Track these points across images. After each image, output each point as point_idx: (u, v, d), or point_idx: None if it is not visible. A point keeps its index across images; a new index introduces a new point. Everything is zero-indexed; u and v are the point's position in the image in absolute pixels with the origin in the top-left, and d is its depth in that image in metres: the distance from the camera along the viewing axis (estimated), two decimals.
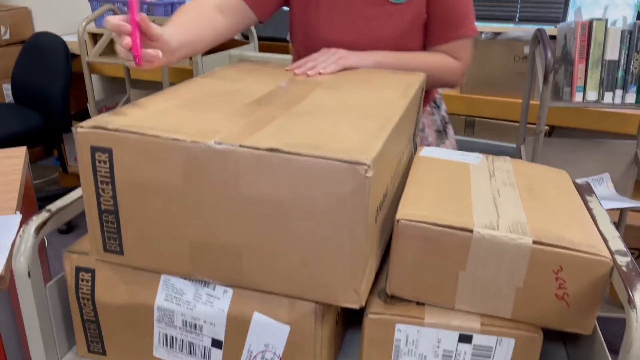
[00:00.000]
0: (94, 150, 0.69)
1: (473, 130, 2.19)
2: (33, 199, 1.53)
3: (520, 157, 1.92)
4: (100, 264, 0.77)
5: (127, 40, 0.82)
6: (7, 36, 3.22)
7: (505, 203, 0.78)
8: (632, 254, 2.08)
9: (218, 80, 0.95)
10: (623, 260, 0.68)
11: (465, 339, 0.74)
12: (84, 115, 3.12)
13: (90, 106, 2.82)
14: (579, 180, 0.98)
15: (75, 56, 2.88)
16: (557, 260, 0.69)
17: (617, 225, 2.04)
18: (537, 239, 0.69)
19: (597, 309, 0.70)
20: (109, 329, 0.80)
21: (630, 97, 1.65)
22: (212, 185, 0.66)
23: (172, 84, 2.03)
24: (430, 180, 0.84)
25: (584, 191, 0.91)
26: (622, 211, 1.99)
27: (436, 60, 1.17)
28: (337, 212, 0.63)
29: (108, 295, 0.78)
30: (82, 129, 0.69)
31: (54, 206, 0.81)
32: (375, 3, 1.13)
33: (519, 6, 2.40)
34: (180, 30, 0.98)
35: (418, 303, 0.76)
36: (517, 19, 2.42)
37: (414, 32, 1.16)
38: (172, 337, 0.78)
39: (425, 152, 0.97)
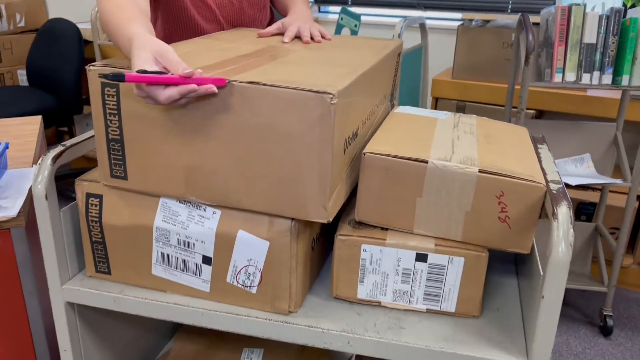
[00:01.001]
0: (103, 85, 0.81)
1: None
2: None
3: None
4: (107, 189, 0.89)
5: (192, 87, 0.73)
6: (22, 23, 3.36)
7: (462, 145, 0.90)
8: (612, 234, 2.17)
9: (214, 40, 1.07)
10: (555, 187, 0.79)
11: (421, 257, 0.85)
12: None
13: None
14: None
15: (88, 43, 3.02)
16: (499, 186, 0.80)
17: (597, 205, 2.14)
18: (482, 168, 0.80)
19: (534, 231, 0.81)
20: (114, 250, 0.92)
21: (607, 79, 1.75)
22: (204, 115, 0.78)
23: None
24: (398, 128, 0.95)
25: (537, 141, 1.01)
26: (603, 191, 2.09)
27: None
28: (308, 136, 0.74)
29: (113, 218, 0.90)
30: (94, 67, 0.81)
31: (68, 142, 0.93)
32: None
33: None
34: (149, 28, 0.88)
35: (382, 228, 0.87)
36: (509, 10, 2.53)
37: None
38: (168, 256, 0.89)
39: (399, 109, 1.09)
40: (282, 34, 1.15)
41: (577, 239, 2.13)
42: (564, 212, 0.72)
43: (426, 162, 0.82)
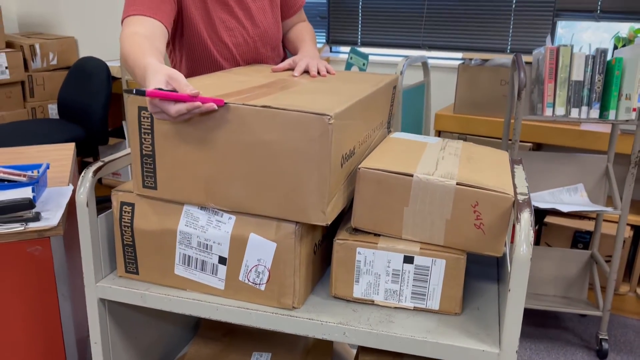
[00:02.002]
0: (140, 109, 0.97)
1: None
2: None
3: None
4: (139, 198, 1.03)
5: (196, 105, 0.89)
6: (54, 61, 3.61)
7: (446, 163, 1.03)
8: (607, 261, 2.29)
9: (233, 74, 1.23)
10: (521, 198, 0.92)
11: (408, 259, 0.97)
12: (120, 131, 3.46)
13: (127, 124, 3.15)
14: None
15: (116, 79, 3.24)
16: (474, 197, 0.93)
17: (593, 233, 2.24)
18: (459, 181, 0.94)
19: (505, 236, 0.94)
20: (142, 252, 1.06)
21: (594, 113, 1.89)
22: (223, 133, 0.93)
23: None
24: (392, 149, 1.10)
25: (515, 162, 1.15)
26: (597, 220, 2.19)
27: (309, 30, 1.57)
28: (310, 151, 0.89)
29: (143, 223, 1.04)
30: (132, 95, 0.96)
31: (106, 158, 1.08)
32: (246, 4, 1.41)
33: (509, 39, 2.68)
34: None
35: (375, 234, 1.00)
36: (508, 51, 2.70)
37: (278, 11, 1.50)
38: (189, 257, 1.03)
39: (395, 134, 1.23)
40: (293, 69, 1.32)
41: (574, 266, 2.22)
42: (525, 217, 0.85)
43: (411, 175, 0.95)
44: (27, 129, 2.98)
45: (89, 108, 2.98)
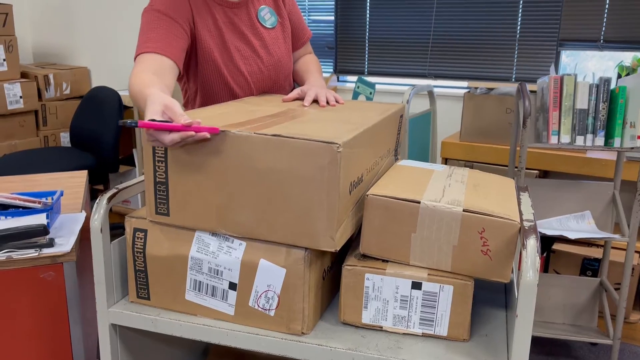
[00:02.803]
0: None
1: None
2: (89, 209, 1.84)
3: None
4: (152, 225, 1.06)
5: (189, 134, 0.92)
6: (67, 91, 3.69)
7: (452, 190, 1.05)
8: (617, 289, 2.29)
9: (245, 104, 1.27)
10: (527, 224, 0.93)
11: (416, 285, 0.99)
12: (130, 159, 3.51)
13: (137, 152, 3.20)
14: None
15: (127, 108, 3.30)
16: (480, 223, 0.95)
17: (601, 260, 2.23)
18: (466, 208, 0.95)
19: (512, 262, 0.95)
20: (154, 277, 1.08)
21: (599, 141, 1.91)
22: (234, 162, 0.95)
23: None
24: (399, 176, 1.12)
25: (521, 190, 1.16)
26: (605, 248, 2.19)
27: (315, 61, 1.64)
28: (319, 178, 0.91)
29: (155, 249, 1.06)
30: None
31: (120, 186, 1.11)
32: (261, 35, 1.47)
33: (514, 68, 2.73)
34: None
35: (383, 260, 1.02)
36: (513, 80, 2.74)
37: (290, 41, 1.56)
38: (200, 282, 1.04)
39: (402, 162, 1.25)
40: (301, 98, 1.35)
41: (583, 293, 2.21)
42: (531, 243, 0.87)
43: (419, 202, 0.97)
44: (40, 157, 3.03)
45: (101, 136, 3.03)
